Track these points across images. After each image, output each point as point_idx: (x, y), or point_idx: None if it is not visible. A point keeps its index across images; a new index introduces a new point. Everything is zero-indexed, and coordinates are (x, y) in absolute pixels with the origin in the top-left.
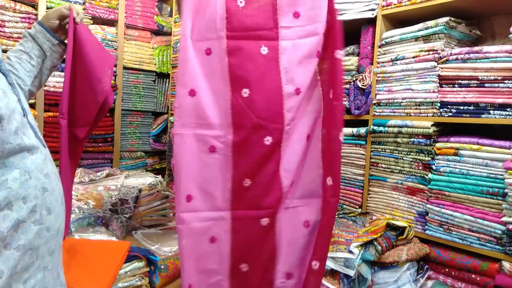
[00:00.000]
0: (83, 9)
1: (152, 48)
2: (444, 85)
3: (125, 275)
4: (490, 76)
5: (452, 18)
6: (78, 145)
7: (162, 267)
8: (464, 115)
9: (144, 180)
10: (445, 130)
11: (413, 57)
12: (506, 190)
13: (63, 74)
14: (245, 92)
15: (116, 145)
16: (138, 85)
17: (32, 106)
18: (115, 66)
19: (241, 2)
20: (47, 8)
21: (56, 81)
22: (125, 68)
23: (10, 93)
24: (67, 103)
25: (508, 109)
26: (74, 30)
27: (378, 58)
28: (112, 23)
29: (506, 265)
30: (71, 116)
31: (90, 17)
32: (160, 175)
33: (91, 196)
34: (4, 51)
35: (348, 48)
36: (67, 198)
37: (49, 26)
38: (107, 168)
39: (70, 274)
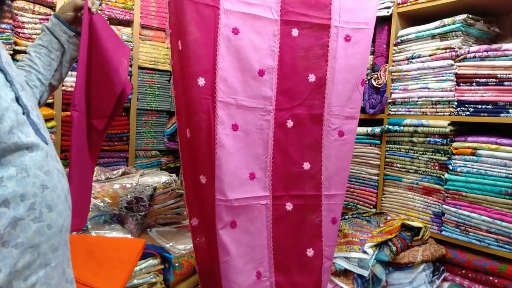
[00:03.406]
0: (100, 10)
1: (167, 48)
2: (461, 84)
3: (140, 272)
4: (510, 74)
5: (470, 15)
6: (98, 137)
7: (176, 264)
8: (482, 114)
9: (158, 178)
10: (462, 129)
11: (430, 55)
12: None
13: None
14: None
15: (132, 144)
16: (153, 85)
17: (50, 105)
18: (131, 66)
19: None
20: None
21: (73, 81)
22: (140, 68)
23: (6, 91)
24: (81, 95)
25: None
26: (89, 21)
27: (393, 56)
28: (128, 23)
29: None
30: (88, 108)
31: (106, 18)
32: (174, 174)
33: (107, 194)
34: (25, 52)
35: None
36: (85, 191)
37: (64, 18)
38: (123, 166)
39: (86, 270)
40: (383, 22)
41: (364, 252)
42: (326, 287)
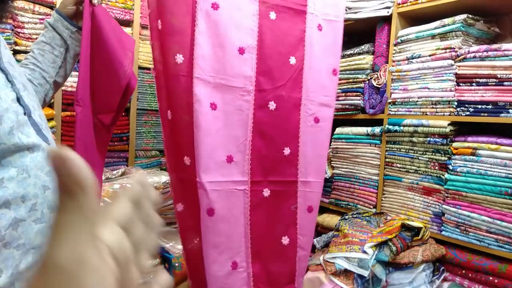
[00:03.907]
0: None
1: None
2: (461, 84)
3: None
4: (509, 74)
5: (470, 15)
6: (105, 132)
7: (176, 264)
8: (482, 114)
9: (158, 178)
10: (462, 129)
11: (430, 55)
12: None
13: None
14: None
15: (131, 144)
16: (153, 85)
17: (50, 105)
18: None
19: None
20: None
21: (74, 81)
22: (140, 68)
23: (7, 91)
24: (84, 90)
25: None
26: (91, 13)
27: (393, 56)
28: (128, 23)
29: None
30: (93, 103)
31: None
32: None
33: (107, 194)
34: (25, 52)
35: (363, 47)
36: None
37: (66, 13)
38: (123, 166)
39: None
40: (383, 22)
41: (364, 252)
42: (302, 276)
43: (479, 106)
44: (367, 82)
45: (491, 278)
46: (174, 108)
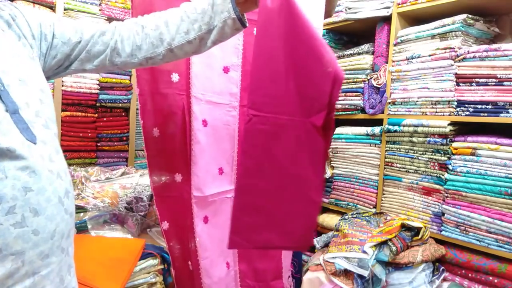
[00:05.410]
0: (99, 10)
1: None
2: (461, 84)
3: (140, 272)
4: (509, 74)
5: (470, 16)
6: (317, 138)
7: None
8: (482, 114)
9: None
10: (462, 129)
11: (429, 55)
12: None
13: (80, 74)
14: None
15: (131, 144)
16: None
17: None
18: None
19: None
20: (65, 9)
21: (73, 81)
22: None
23: None
24: (262, 92)
25: None
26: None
27: (393, 56)
28: None
29: None
30: (298, 106)
31: (106, 18)
32: None
33: (107, 194)
34: None
35: (362, 47)
36: (301, 206)
37: None
38: (123, 166)
39: (86, 271)
40: (382, 22)
41: (364, 252)
42: (289, 271)
43: (479, 106)
44: (367, 82)
45: (491, 278)
46: (163, 126)
